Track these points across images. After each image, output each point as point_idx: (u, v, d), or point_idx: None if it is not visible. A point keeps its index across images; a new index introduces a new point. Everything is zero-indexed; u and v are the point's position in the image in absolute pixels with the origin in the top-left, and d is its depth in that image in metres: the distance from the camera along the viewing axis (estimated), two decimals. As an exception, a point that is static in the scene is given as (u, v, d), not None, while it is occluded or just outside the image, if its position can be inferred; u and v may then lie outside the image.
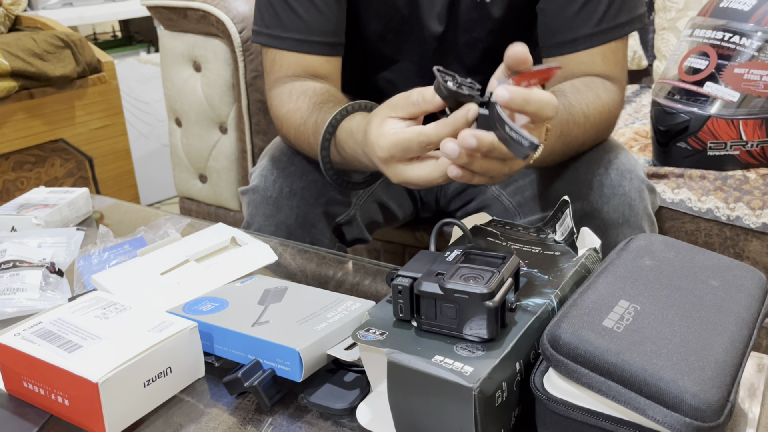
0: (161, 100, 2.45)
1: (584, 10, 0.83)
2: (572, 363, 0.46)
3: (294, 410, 0.56)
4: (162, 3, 1.58)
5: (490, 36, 0.93)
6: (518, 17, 0.91)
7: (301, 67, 0.89)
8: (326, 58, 0.90)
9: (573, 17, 0.83)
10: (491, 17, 0.91)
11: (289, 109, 0.86)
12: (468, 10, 0.91)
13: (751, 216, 1.08)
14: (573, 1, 0.83)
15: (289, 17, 0.88)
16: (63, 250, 0.83)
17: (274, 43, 0.90)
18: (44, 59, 1.75)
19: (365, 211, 0.99)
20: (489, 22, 0.91)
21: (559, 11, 0.84)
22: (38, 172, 1.86)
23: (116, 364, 0.52)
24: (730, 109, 1.11)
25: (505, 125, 0.54)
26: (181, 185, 1.79)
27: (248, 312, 0.62)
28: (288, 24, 0.89)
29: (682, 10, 1.61)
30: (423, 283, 0.51)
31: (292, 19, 0.88)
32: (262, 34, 0.91)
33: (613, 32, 0.84)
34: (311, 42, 0.89)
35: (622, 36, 0.85)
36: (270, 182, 0.90)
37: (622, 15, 0.84)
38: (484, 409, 0.45)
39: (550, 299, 0.56)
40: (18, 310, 0.71)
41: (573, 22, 0.83)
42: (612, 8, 0.83)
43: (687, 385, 0.43)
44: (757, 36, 1.10)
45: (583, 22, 0.83)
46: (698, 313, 0.50)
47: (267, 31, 0.90)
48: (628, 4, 0.84)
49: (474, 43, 0.94)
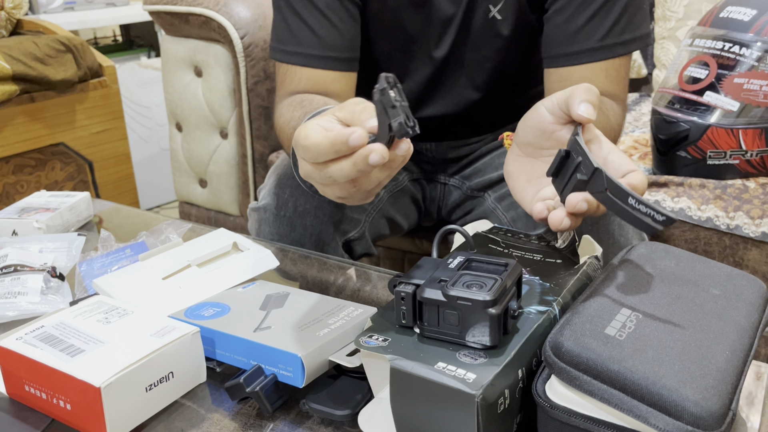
0: (161, 105, 2.45)
1: (590, 24, 0.83)
2: (574, 370, 0.46)
3: (295, 416, 0.56)
4: (164, 8, 1.58)
5: (498, 53, 0.92)
6: (526, 33, 0.91)
7: (312, 82, 0.89)
8: (339, 74, 0.89)
9: (578, 30, 0.83)
10: (501, 34, 0.90)
11: (285, 120, 0.86)
12: (478, 28, 0.90)
13: (750, 225, 1.08)
14: (580, 14, 0.83)
15: (303, 33, 0.88)
16: (64, 255, 0.83)
17: (287, 59, 0.89)
18: (45, 63, 1.75)
19: (374, 226, 1.00)
20: (499, 39, 0.91)
21: (565, 23, 0.84)
22: (38, 175, 1.86)
23: (118, 369, 0.52)
24: (729, 118, 1.12)
25: (628, 197, 0.48)
26: (181, 190, 1.79)
27: (250, 317, 0.62)
28: (302, 39, 0.88)
29: (681, 20, 1.61)
30: (426, 289, 0.51)
31: (306, 35, 0.88)
32: (277, 50, 0.91)
33: (617, 48, 0.83)
34: (324, 57, 0.88)
35: (626, 53, 0.84)
36: (282, 201, 0.89)
37: (628, 32, 0.83)
38: (486, 416, 0.45)
39: (551, 307, 0.56)
40: (19, 313, 0.71)
41: (578, 35, 0.83)
42: (618, 25, 0.82)
43: (689, 393, 0.43)
44: (757, 46, 1.10)
45: (587, 36, 0.83)
46: (700, 322, 0.50)
47: (281, 47, 0.90)
48: (634, 21, 0.84)
49: (482, 62, 0.94)
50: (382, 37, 0.93)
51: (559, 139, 0.61)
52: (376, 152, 0.49)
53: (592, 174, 0.52)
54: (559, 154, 0.56)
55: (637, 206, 0.49)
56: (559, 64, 0.86)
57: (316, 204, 0.88)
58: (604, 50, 0.83)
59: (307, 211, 0.88)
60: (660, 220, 0.48)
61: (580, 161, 0.54)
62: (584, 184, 0.53)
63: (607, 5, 0.82)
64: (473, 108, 0.99)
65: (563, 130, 0.61)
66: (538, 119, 0.62)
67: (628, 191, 0.49)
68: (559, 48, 0.85)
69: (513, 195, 0.66)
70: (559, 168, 0.56)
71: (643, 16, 0.85)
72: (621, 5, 0.82)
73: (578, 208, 0.55)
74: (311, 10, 0.87)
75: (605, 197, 0.51)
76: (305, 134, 0.51)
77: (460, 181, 1.08)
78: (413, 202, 1.08)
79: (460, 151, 1.06)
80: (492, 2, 0.88)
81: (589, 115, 0.57)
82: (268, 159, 1.59)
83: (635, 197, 0.49)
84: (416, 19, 0.91)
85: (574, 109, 0.57)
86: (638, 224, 0.49)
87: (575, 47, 0.84)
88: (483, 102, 0.98)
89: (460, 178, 1.08)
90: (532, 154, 0.64)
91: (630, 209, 0.49)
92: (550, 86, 0.87)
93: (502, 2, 0.88)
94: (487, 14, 0.89)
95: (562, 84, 0.86)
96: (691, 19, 1.59)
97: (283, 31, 0.90)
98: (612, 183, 0.50)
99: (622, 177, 0.56)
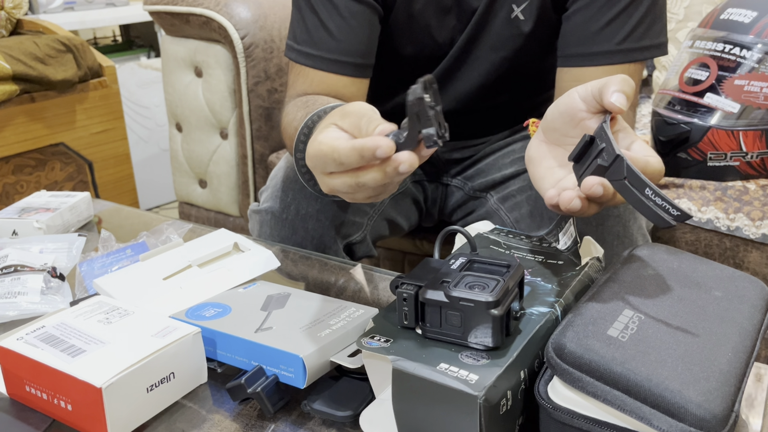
0: (161, 105, 2.45)
1: (611, 26, 0.82)
2: (577, 372, 0.46)
3: (297, 417, 0.56)
4: (164, 8, 1.58)
5: (516, 54, 0.92)
6: (546, 33, 0.90)
7: (325, 85, 0.88)
8: (352, 79, 0.89)
9: (598, 32, 0.82)
10: (522, 34, 0.90)
11: (288, 120, 0.85)
12: (500, 28, 0.90)
13: (750, 227, 1.08)
14: (601, 15, 0.82)
15: (320, 36, 0.87)
16: (65, 256, 0.83)
17: (303, 60, 0.89)
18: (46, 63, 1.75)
19: (374, 229, 0.99)
20: (519, 39, 0.90)
21: (585, 24, 0.83)
22: (38, 175, 1.86)
23: (120, 369, 0.52)
24: (730, 120, 1.12)
25: (646, 188, 0.48)
26: (181, 190, 1.79)
27: (251, 318, 0.62)
28: (319, 42, 0.87)
29: (682, 21, 1.61)
30: (428, 291, 0.51)
31: (323, 38, 0.87)
32: (293, 50, 0.90)
33: (634, 54, 0.83)
34: (341, 62, 0.87)
35: (642, 60, 0.84)
36: (285, 204, 0.89)
37: (647, 39, 0.83)
38: (488, 418, 0.45)
39: (553, 308, 0.56)
40: (19, 313, 0.71)
41: (597, 37, 0.83)
42: (637, 30, 0.82)
43: (692, 395, 0.43)
44: (758, 48, 1.10)
45: (606, 39, 0.82)
46: (702, 323, 0.50)
47: (298, 47, 0.89)
48: (654, 29, 0.83)
49: (500, 62, 0.93)
50: (410, 42, 0.93)
51: (586, 128, 0.60)
52: (406, 163, 0.50)
53: (613, 161, 0.51)
54: (584, 138, 0.55)
55: (653, 197, 0.48)
56: (574, 64, 0.85)
57: (318, 208, 0.88)
58: (621, 54, 0.83)
59: (309, 214, 0.88)
60: (674, 214, 0.48)
61: (603, 147, 0.53)
62: (604, 170, 0.52)
63: (629, 9, 0.81)
64: (482, 109, 0.98)
65: (592, 119, 0.60)
66: (570, 105, 0.60)
67: (647, 182, 0.49)
68: (576, 48, 0.84)
69: (532, 181, 0.64)
70: (581, 153, 0.56)
71: (661, 26, 0.85)
72: (642, 11, 0.81)
73: (593, 191, 0.53)
74: (332, 13, 0.86)
75: (623, 185, 0.51)
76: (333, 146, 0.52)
77: (462, 182, 1.08)
78: (414, 204, 1.08)
79: (464, 152, 1.06)
80: (516, 2, 0.87)
81: (621, 104, 0.56)
82: (268, 159, 1.59)
83: (653, 189, 0.48)
84: (443, 24, 0.91)
85: (606, 97, 0.56)
86: (652, 216, 0.49)
87: (593, 48, 0.83)
88: (493, 103, 0.98)
89: (462, 179, 1.08)
90: (557, 141, 0.63)
91: (645, 200, 0.49)
92: (562, 85, 0.87)
93: (526, 2, 0.87)
94: (509, 14, 0.88)
95: (575, 84, 0.85)
96: (692, 21, 1.59)
97: (301, 31, 0.89)
98: (632, 172, 0.50)
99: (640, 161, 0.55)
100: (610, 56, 0.83)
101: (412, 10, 0.90)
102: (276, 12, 1.56)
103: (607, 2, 0.82)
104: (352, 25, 0.87)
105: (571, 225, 0.65)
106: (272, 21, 1.54)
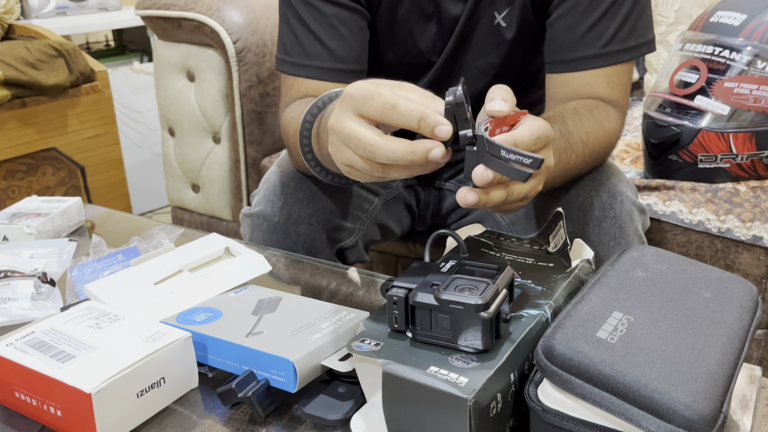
0: (154, 110, 2.45)
1: (594, 30, 0.82)
2: (566, 374, 0.46)
3: (288, 421, 0.56)
4: (157, 13, 1.58)
5: (501, 60, 0.92)
6: (530, 38, 0.90)
7: (319, 93, 0.88)
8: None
9: (582, 36, 0.83)
10: (505, 41, 0.90)
11: (288, 119, 0.85)
12: (483, 35, 0.90)
13: (741, 228, 1.09)
14: (584, 19, 0.82)
15: (312, 46, 0.87)
16: (55, 261, 0.82)
17: (296, 72, 0.89)
18: (37, 68, 1.75)
19: (367, 234, 0.99)
20: (503, 46, 0.91)
21: (569, 29, 0.83)
22: (30, 180, 1.85)
23: (109, 375, 0.52)
24: (720, 122, 1.12)
25: (501, 149, 0.51)
26: (174, 195, 1.78)
27: (242, 322, 0.61)
28: (311, 52, 0.87)
29: (672, 24, 1.62)
30: (418, 294, 0.51)
31: (315, 48, 0.87)
32: (285, 63, 0.90)
33: (620, 55, 0.83)
34: (335, 70, 0.87)
35: (629, 60, 0.84)
36: (277, 208, 0.89)
37: (632, 39, 0.83)
38: (478, 420, 0.45)
39: (543, 310, 0.56)
40: (9, 319, 0.71)
41: (581, 41, 0.83)
42: (622, 31, 0.82)
43: (680, 396, 0.44)
44: (747, 50, 1.11)
45: (591, 42, 0.82)
46: (691, 325, 0.50)
47: (290, 60, 0.89)
48: (638, 27, 0.83)
49: (486, 68, 0.93)
50: (393, 49, 0.93)
51: None
52: (439, 149, 0.52)
53: (477, 142, 0.53)
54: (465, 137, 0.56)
55: (508, 156, 0.51)
56: (561, 70, 0.85)
57: (310, 212, 0.88)
58: (607, 57, 0.83)
59: (301, 218, 0.88)
60: (527, 163, 0.50)
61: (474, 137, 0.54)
62: (478, 156, 0.53)
63: (611, 11, 0.82)
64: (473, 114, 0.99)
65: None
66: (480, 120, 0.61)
67: (500, 144, 0.51)
68: (562, 54, 0.85)
69: None
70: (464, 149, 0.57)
71: (646, 22, 0.85)
72: (625, 11, 0.82)
73: (485, 178, 0.53)
74: (321, 22, 0.86)
75: (489, 159, 0.52)
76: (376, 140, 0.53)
77: (456, 185, 1.08)
78: (406, 209, 1.08)
79: (458, 155, 1.07)
80: (497, 9, 0.88)
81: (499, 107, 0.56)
82: (261, 164, 1.59)
83: (505, 148, 0.51)
84: (425, 31, 0.91)
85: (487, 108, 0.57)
86: (513, 174, 0.51)
87: (578, 53, 0.83)
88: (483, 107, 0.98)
89: (456, 182, 1.08)
90: None
91: (504, 161, 0.51)
92: (552, 91, 0.87)
93: (507, 9, 0.87)
94: (492, 21, 0.89)
95: (563, 89, 0.85)
96: (682, 24, 1.60)
97: (291, 42, 0.89)
98: (489, 142, 0.52)
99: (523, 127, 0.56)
100: (596, 60, 0.83)
101: (396, 16, 0.90)
102: (268, 16, 1.56)
103: (589, 6, 0.82)
104: (342, 33, 0.87)
105: (561, 227, 0.66)
106: (264, 25, 1.54)
